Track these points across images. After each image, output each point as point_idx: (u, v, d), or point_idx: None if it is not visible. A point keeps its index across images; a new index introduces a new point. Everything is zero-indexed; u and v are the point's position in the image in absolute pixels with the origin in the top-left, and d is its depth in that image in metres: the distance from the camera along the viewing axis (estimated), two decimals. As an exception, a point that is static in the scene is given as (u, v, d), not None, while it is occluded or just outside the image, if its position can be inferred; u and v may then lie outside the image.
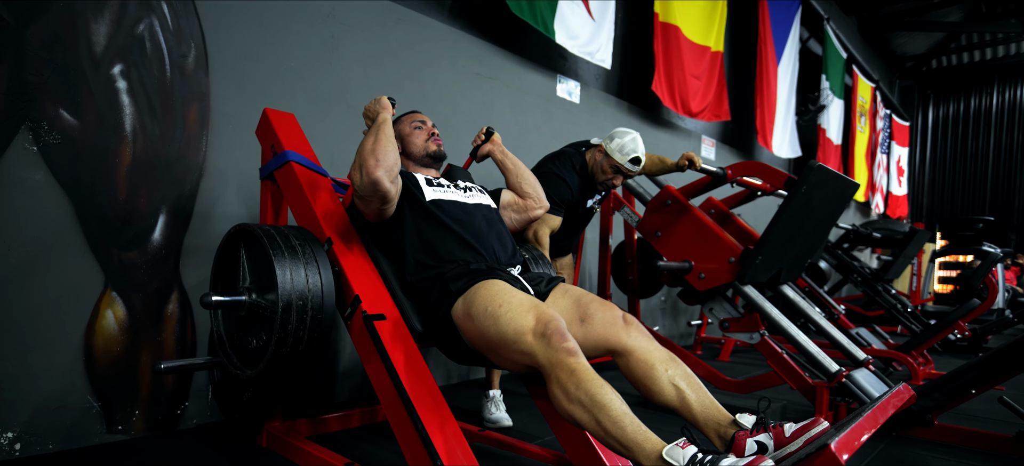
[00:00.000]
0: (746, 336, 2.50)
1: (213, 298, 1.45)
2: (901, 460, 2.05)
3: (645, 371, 1.32)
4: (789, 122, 6.04)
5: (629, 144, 2.31)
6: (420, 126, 1.82)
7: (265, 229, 1.50)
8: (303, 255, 1.47)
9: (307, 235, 1.55)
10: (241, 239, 1.58)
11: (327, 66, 2.47)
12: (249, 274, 1.54)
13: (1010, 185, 10.76)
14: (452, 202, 1.65)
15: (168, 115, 2.00)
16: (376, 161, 1.45)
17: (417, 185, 1.65)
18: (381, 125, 1.54)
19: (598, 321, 1.41)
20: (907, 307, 4.87)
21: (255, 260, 1.52)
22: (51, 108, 1.76)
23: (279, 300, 1.39)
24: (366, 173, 1.45)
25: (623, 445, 1.10)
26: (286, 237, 1.49)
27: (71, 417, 1.81)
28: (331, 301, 1.48)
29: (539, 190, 1.91)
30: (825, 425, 1.12)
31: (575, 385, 1.15)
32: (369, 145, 1.49)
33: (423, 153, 1.80)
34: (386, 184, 1.47)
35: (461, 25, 3.07)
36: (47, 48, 1.74)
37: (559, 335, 1.22)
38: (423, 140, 1.80)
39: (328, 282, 1.48)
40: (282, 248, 1.45)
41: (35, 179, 1.73)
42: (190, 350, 2.09)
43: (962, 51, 10.78)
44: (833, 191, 2.41)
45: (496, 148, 1.94)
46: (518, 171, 1.91)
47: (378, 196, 1.49)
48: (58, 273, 1.78)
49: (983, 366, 2.17)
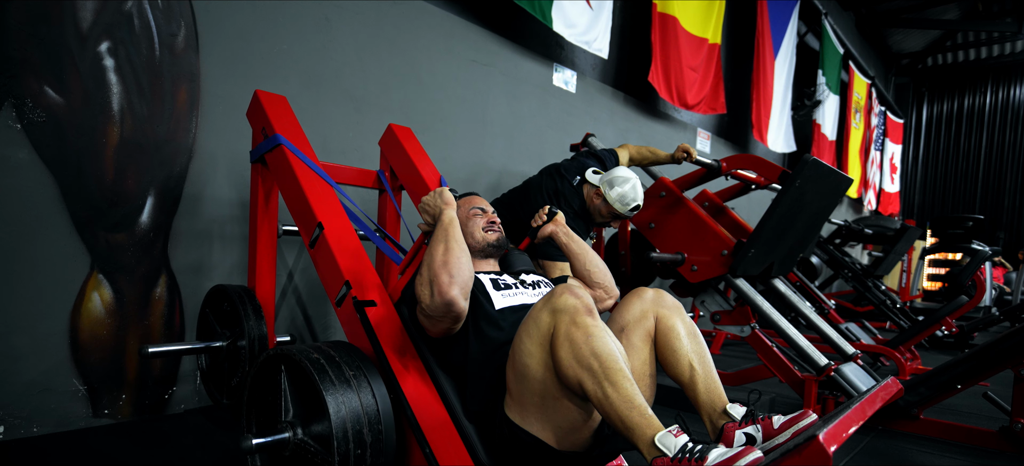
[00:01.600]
0: (737, 329, 2.51)
1: (253, 442, 1.23)
2: (887, 453, 2.07)
3: (668, 341, 1.30)
4: (785, 116, 6.04)
5: (630, 194, 2.19)
6: (479, 213, 1.60)
7: (310, 357, 1.27)
8: (358, 387, 1.25)
9: (358, 357, 1.34)
10: (281, 364, 1.33)
11: (320, 48, 2.44)
12: (293, 406, 1.31)
13: (1000, 184, 10.85)
14: (523, 308, 1.42)
15: (157, 95, 1.96)
16: (450, 277, 1.23)
17: (483, 290, 1.42)
18: (449, 228, 1.31)
19: (632, 318, 1.34)
20: (896, 303, 4.92)
21: (299, 390, 1.30)
22: (35, 85, 1.72)
23: (335, 450, 1.19)
24: (438, 292, 1.22)
25: (626, 426, 1.07)
26: (338, 365, 1.27)
27: (56, 400, 1.79)
28: (392, 442, 1.27)
29: (609, 279, 1.65)
30: (813, 417, 1.12)
31: (590, 349, 1.08)
32: (439, 256, 1.25)
33: (484, 244, 1.56)
34: (461, 304, 1.25)
35: (457, 10, 3.03)
36: (31, 23, 1.70)
37: (570, 290, 1.15)
38: (482, 229, 1.57)
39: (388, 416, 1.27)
40: (333, 379, 1.23)
41: (19, 157, 1.70)
42: (178, 335, 2.07)
43: (958, 49, 10.81)
44: (827, 186, 2.42)
45: (560, 230, 1.67)
46: (585, 258, 1.63)
47: (450, 317, 1.27)
48: (43, 254, 1.75)
49: (969, 362, 2.19)
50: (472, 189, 3.13)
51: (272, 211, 1.94)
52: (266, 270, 1.92)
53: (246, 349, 1.77)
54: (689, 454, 1.01)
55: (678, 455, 1.02)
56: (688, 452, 1.01)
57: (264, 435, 1.27)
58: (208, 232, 2.14)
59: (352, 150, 2.56)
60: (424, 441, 1.27)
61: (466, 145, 3.11)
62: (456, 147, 3.05)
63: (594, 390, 1.09)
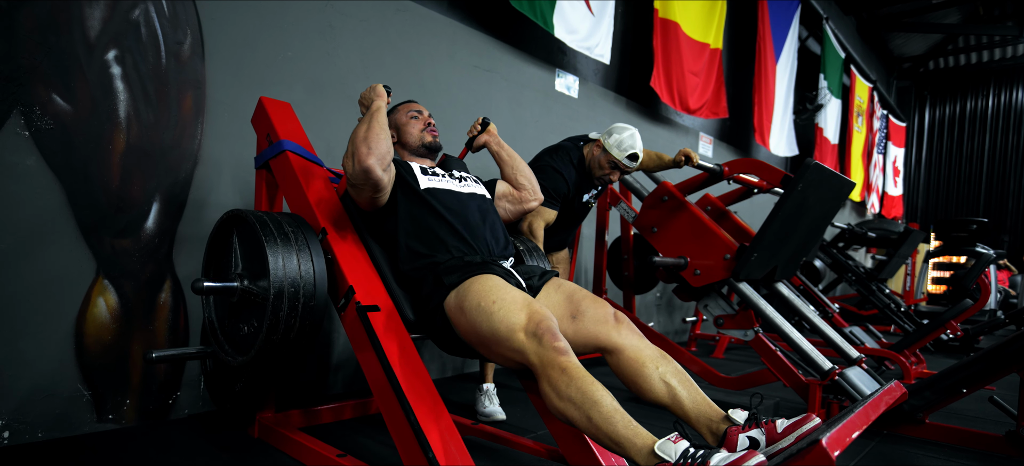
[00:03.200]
0: (740, 333, 2.50)
1: (204, 283, 1.44)
2: (892, 458, 2.06)
3: (636, 369, 1.32)
4: (787, 120, 6.04)
5: (627, 140, 2.31)
6: (416, 116, 1.81)
7: (258, 215, 1.48)
8: (296, 242, 1.45)
9: (300, 222, 1.54)
10: (234, 225, 1.56)
11: (325, 56, 2.45)
12: (242, 261, 1.53)
13: (1004, 187, 10.82)
14: (446, 191, 1.64)
15: (163, 102, 1.98)
16: (368, 149, 1.45)
17: (412, 173, 1.64)
18: (375, 113, 1.54)
19: (589, 318, 1.42)
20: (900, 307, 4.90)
21: (248, 247, 1.51)
22: (44, 93, 1.74)
23: (271, 287, 1.38)
24: (358, 161, 1.45)
25: (614, 442, 1.10)
26: (279, 224, 1.48)
27: (61, 405, 1.80)
28: (323, 289, 1.47)
29: (534, 182, 1.90)
30: (817, 421, 1.12)
31: (566, 383, 1.16)
32: (362, 133, 1.48)
33: (419, 143, 1.78)
34: (378, 172, 1.46)
35: (460, 17, 3.05)
36: (40, 31, 1.72)
37: (550, 334, 1.22)
38: (419, 130, 1.79)
39: (321, 270, 1.47)
40: (275, 235, 1.43)
41: (27, 164, 1.72)
42: (182, 340, 2.07)
43: (959, 53, 10.81)
44: (829, 190, 2.42)
45: (492, 139, 1.92)
46: (513, 163, 1.90)
47: (370, 184, 1.48)
48: (49, 259, 1.77)
49: (974, 366, 2.18)
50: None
51: (276, 217, 1.95)
52: (270, 275, 1.93)
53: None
54: (691, 459, 1.01)
55: (680, 461, 1.02)
56: (690, 457, 1.01)
57: (216, 281, 1.48)
58: (213, 238, 2.15)
59: (355, 156, 2.57)
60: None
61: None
62: (459, 152, 3.06)
63: (579, 420, 1.14)
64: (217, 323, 1.62)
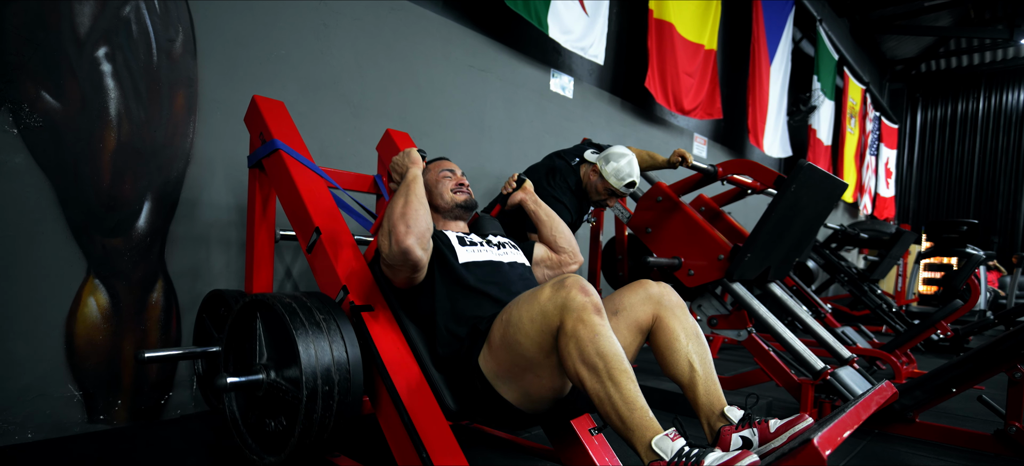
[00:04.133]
0: (734, 333, 2.51)
1: (228, 380, 1.30)
2: (883, 456, 2.08)
3: (668, 341, 1.30)
4: (780, 122, 6.07)
5: (625, 169, 2.27)
6: (449, 175, 1.66)
7: (285, 302, 1.32)
8: (328, 331, 1.30)
9: (330, 305, 1.39)
10: (257, 310, 1.40)
11: (318, 54, 2.44)
12: (267, 350, 1.38)
13: (994, 189, 10.92)
14: (487, 264, 1.49)
15: (154, 100, 1.97)
16: (407, 227, 1.31)
17: (449, 245, 1.49)
18: (412, 184, 1.39)
19: (631, 305, 1.34)
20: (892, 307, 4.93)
21: (274, 335, 1.36)
22: (32, 90, 1.72)
23: (304, 387, 1.24)
24: (396, 241, 1.31)
25: (626, 426, 1.08)
26: (309, 309, 1.32)
27: (51, 406, 1.78)
28: (359, 383, 1.33)
29: (573, 245, 1.75)
30: (809, 421, 1.13)
31: (595, 348, 1.09)
32: (399, 208, 1.34)
33: (452, 205, 1.63)
34: (417, 253, 1.32)
35: (455, 16, 3.05)
36: (28, 28, 1.70)
37: (580, 285, 1.14)
38: (450, 191, 1.64)
39: (356, 360, 1.32)
40: (305, 324, 1.28)
41: (15, 162, 1.70)
42: (174, 340, 2.06)
43: (951, 55, 10.90)
44: (822, 191, 2.43)
45: (528, 197, 1.78)
46: (552, 223, 1.74)
47: (408, 265, 1.34)
48: (39, 259, 1.75)
49: (964, 365, 2.20)
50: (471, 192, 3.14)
51: (270, 216, 1.94)
52: (264, 275, 1.92)
53: (243, 354, 1.77)
54: (685, 458, 1.02)
55: (674, 459, 1.02)
56: (684, 456, 1.02)
57: (240, 376, 1.34)
58: (205, 237, 2.14)
59: (350, 155, 2.56)
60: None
61: (464, 150, 3.11)
62: (454, 152, 3.06)
63: (596, 388, 1.10)
64: (239, 416, 1.46)
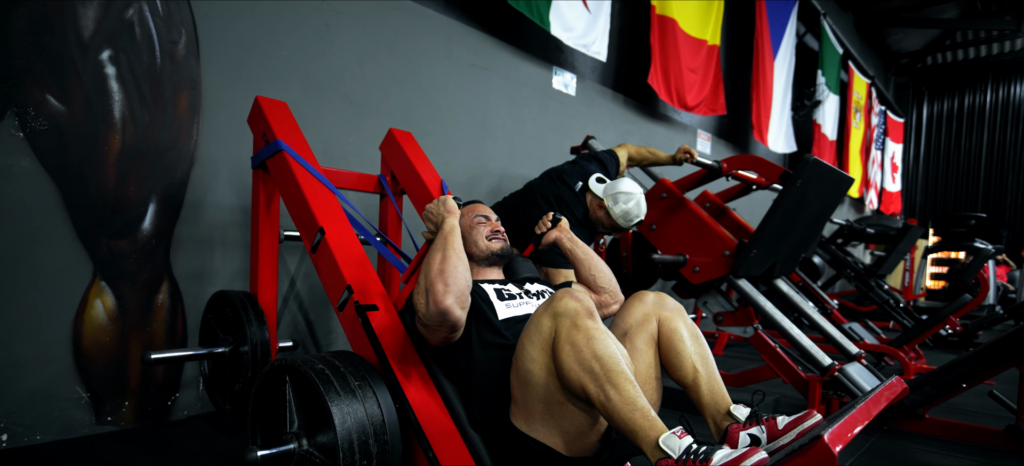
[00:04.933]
0: (740, 330, 2.50)
1: (258, 453, 1.22)
2: (892, 453, 2.06)
3: (672, 343, 1.30)
4: (785, 117, 6.04)
5: (634, 211, 2.20)
6: (483, 221, 1.60)
7: (315, 367, 1.26)
8: (363, 398, 1.24)
9: (361, 364, 1.34)
10: (285, 374, 1.32)
11: (320, 54, 2.44)
12: (298, 417, 1.30)
13: (1002, 182, 10.83)
14: (526, 318, 1.40)
15: (158, 102, 1.97)
16: (445, 286, 1.22)
17: (487, 300, 1.41)
18: (449, 236, 1.30)
19: (633, 322, 1.33)
20: (899, 302, 4.90)
21: (305, 401, 1.29)
22: (38, 94, 1.73)
23: (340, 460, 1.17)
24: (434, 301, 1.22)
25: (629, 429, 1.06)
26: (342, 375, 1.26)
27: (59, 408, 1.79)
28: (399, 452, 1.27)
29: (614, 284, 1.66)
30: (818, 418, 1.12)
31: (591, 352, 1.08)
32: (436, 265, 1.25)
33: (488, 253, 1.56)
34: (457, 313, 1.24)
35: (457, 15, 3.04)
36: (33, 32, 1.71)
37: (570, 294, 1.14)
38: (485, 238, 1.57)
39: (393, 428, 1.26)
40: (338, 389, 1.21)
41: (21, 166, 1.71)
42: (181, 341, 2.07)
43: (957, 48, 10.81)
44: (828, 186, 2.41)
45: (564, 236, 1.67)
46: (590, 262, 1.64)
47: (446, 326, 1.26)
48: (46, 262, 1.76)
49: (973, 361, 2.18)
50: (474, 192, 3.14)
51: (274, 216, 1.95)
52: (268, 275, 1.92)
53: (248, 354, 1.77)
54: (693, 456, 1.00)
55: (682, 457, 1.01)
56: (692, 454, 1.01)
57: (269, 446, 1.25)
58: (210, 238, 2.14)
59: (353, 155, 2.56)
60: (430, 451, 1.26)
61: (467, 149, 3.11)
62: (457, 151, 3.06)
63: (596, 393, 1.08)
64: None
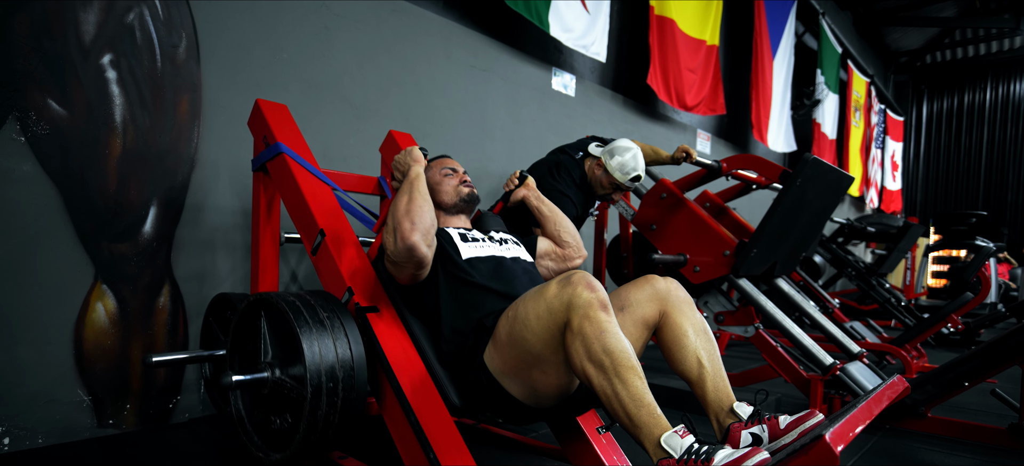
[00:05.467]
0: (741, 329, 2.50)
1: (234, 379, 1.33)
2: (895, 452, 2.06)
3: (676, 337, 1.30)
4: (784, 116, 6.04)
5: (630, 162, 2.25)
6: (450, 174, 1.67)
7: (289, 300, 1.34)
8: (331, 328, 1.32)
9: (333, 303, 1.41)
10: (261, 309, 1.42)
11: (320, 57, 2.45)
12: (272, 348, 1.39)
13: (1003, 180, 10.82)
14: (490, 259, 1.50)
15: (159, 106, 1.97)
16: (412, 224, 1.32)
17: (452, 242, 1.49)
18: (415, 182, 1.41)
19: (638, 301, 1.35)
20: (901, 301, 4.89)
21: (278, 333, 1.38)
22: (39, 98, 1.73)
23: (308, 383, 1.25)
24: (400, 238, 1.31)
25: (634, 424, 1.07)
26: (313, 308, 1.34)
27: (61, 411, 1.79)
28: (364, 380, 1.34)
29: (577, 238, 1.77)
30: (820, 417, 1.12)
31: (601, 345, 1.08)
32: (403, 206, 1.35)
33: (455, 199, 1.63)
34: (422, 249, 1.33)
35: (456, 17, 3.05)
36: (34, 37, 1.72)
37: (586, 281, 1.14)
38: (454, 187, 1.65)
39: (360, 358, 1.33)
40: (309, 322, 1.30)
41: (23, 170, 1.71)
42: (182, 344, 2.07)
43: (956, 46, 10.81)
44: (828, 185, 2.41)
45: (531, 193, 1.80)
46: (555, 218, 1.76)
47: (413, 262, 1.35)
48: (47, 265, 1.76)
49: (976, 359, 2.18)
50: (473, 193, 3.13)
51: (274, 219, 1.95)
52: (269, 278, 1.93)
53: (250, 357, 1.78)
54: (695, 455, 1.00)
55: (684, 456, 1.01)
56: (694, 453, 1.01)
57: (245, 374, 1.36)
58: (211, 241, 2.15)
59: (353, 157, 2.57)
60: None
61: (466, 150, 3.11)
62: (456, 152, 3.06)
63: (602, 385, 1.09)
64: (245, 415, 1.48)
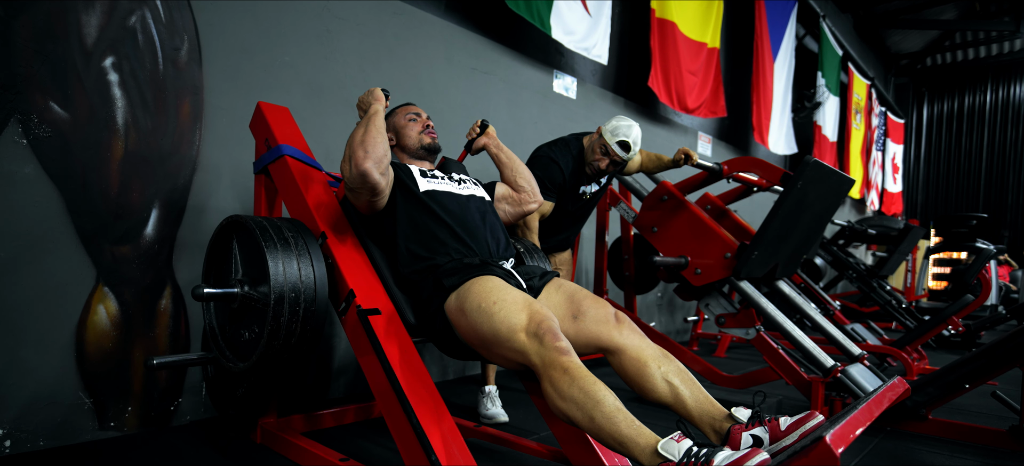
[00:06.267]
0: (742, 332, 2.50)
1: (205, 290, 1.44)
2: (896, 454, 2.06)
3: (638, 368, 1.33)
4: (785, 119, 6.05)
5: (623, 128, 2.28)
6: (414, 118, 1.82)
7: (257, 221, 1.49)
8: (296, 247, 1.46)
9: (300, 227, 1.54)
10: (233, 231, 1.56)
11: (322, 60, 2.46)
12: (242, 267, 1.53)
13: (1003, 182, 10.82)
14: (446, 193, 1.64)
15: (161, 108, 1.98)
16: (365, 152, 1.45)
17: (411, 176, 1.64)
18: (372, 116, 1.53)
19: (590, 318, 1.42)
20: (902, 303, 4.89)
21: (248, 252, 1.51)
22: (41, 101, 1.74)
23: (271, 292, 1.39)
24: (355, 164, 1.45)
25: (618, 441, 1.09)
26: (279, 229, 1.48)
27: (62, 413, 1.79)
28: (324, 293, 1.47)
29: (533, 184, 1.90)
30: (820, 418, 1.12)
31: (568, 384, 1.15)
32: (359, 136, 1.48)
33: (417, 146, 1.79)
34: (375, 176, 1.46)
35: (457, 20, 3.05)
36: (37, 40, 1.72)
37: (552, 334, 1.22)
38: (417, 132, 1.79)
39: (321, 274, 1.47)
40: (275, 240, 1.44)
41: (25, 172, 1.72)
42: (184, 346, 2.07)
43: (956, 49, 10.82)
44: (828, 187, 2.42)
45: (491, 142, 1.92)
46: (513, 165, 1.90)
47: (367, 188, 1.49)
48: (49, 267, 1.76)
49: (976, 361, 2.18)
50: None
51: (276, 221, 1.95)
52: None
53: (251, 359, 1.79)
54: (694, 458, 1.01)
55: (683, 460, 1.01)
56: (693, 456, 1.01)
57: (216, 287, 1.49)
58: (212, 243, 2.15)
59: (354, 160, 2.57)
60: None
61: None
62: (458, 154, 3.06)
63: (580, 419, 1.14)
64: (218, 330, 1.62)
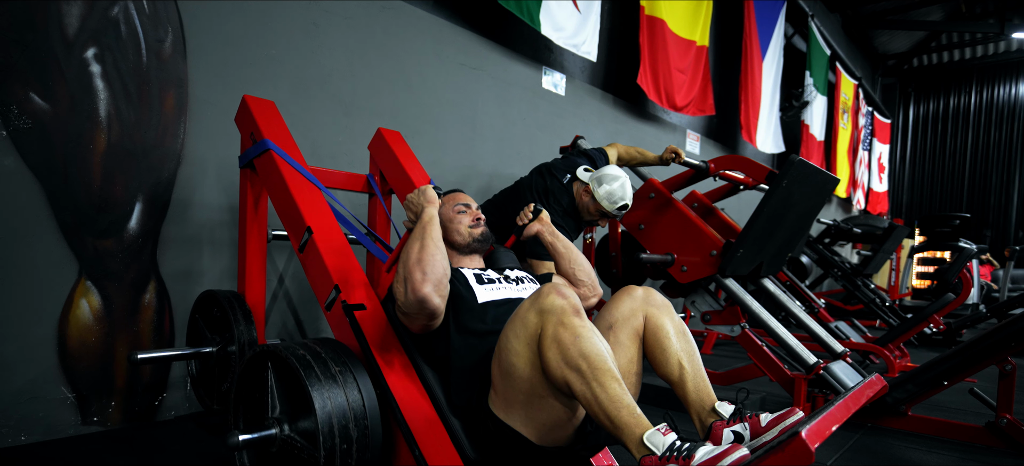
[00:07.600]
0: (727, 329, 2.52)
1: (240, 438, 1.24)
2: (875, 450, 2.09)
3: (658, 339, 1.32)
4: (773, 117, 6.09)
5: (618, 192, 2.20)
6: (464, 210, 1.61)
7: (297, 353, 1.27)
8: (343, 382, 1.25)
9: (344, 352, 1.35)
10: (268, 361, 1.33)
11: (309, 54, 2.44)
12: (280, 403, 1.32)
13: (986, 183, 10.99)
14: (505, 301, 1.44)
15: (144, 101, 1.96)
16: (423, 274, 1.24)
17: (466, 284, 1.43)
18: (428, 226, 1.32)
19: (622, 317, 1.35)
20: (885, 301, 4.96)
21: (287, 387, 1.31)
22: (21, 92, 1.71)
23: (321, 446, 1.19)
24: (412, 289, 1.25)
25: (614, 425, 1.08)
26: (324, 361, 1.27)
27: (44, 408, 1.77)
28: (378, 440, 1.28)
29: (593, 277, 1.69)
30: (800, 415, 1.14)
31: (578, 351, 1.09)
32: (415, 253, 1.27)
33: (469, 240, 1.57)
34: (435, 301, 1.26)
35: (446, 15, 3.04)
36: (16, 29, 1.69)
37: (558, 290, 1.14)
38: (467, 226, 1.58)
39: (374, 414, 1.27)
40: (320, 376, 1.23)
41: (5, 164, 1.69)
42: (168, 341, 2.06)
43: (942, 50, 10.96)
44: (813, 186, 2.44)
45: (545, 228, 1.70)
46: (570, 255, 1.66)
47: (425, 314, 1.28)
48: (30, 261, 1.74)
49: (955, 359, 2.22)
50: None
51: (261, 216, 1.94)
52: (256, 275, 1.92)
53: (236, 354, 1.77)
54: (677, 452, 1.02)
55: (666, 453, 1.03)
56: (676, 450, 1.02)
57: (251, 431, 1.27)
58: (197, 237, 2.13)
59: (342, 154, 2.56)
60: (411, 437, 1.28)
61: (456, 148, 3.11)
62: (446, 151, 3.06)
63: (582, 390, 1.10)
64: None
